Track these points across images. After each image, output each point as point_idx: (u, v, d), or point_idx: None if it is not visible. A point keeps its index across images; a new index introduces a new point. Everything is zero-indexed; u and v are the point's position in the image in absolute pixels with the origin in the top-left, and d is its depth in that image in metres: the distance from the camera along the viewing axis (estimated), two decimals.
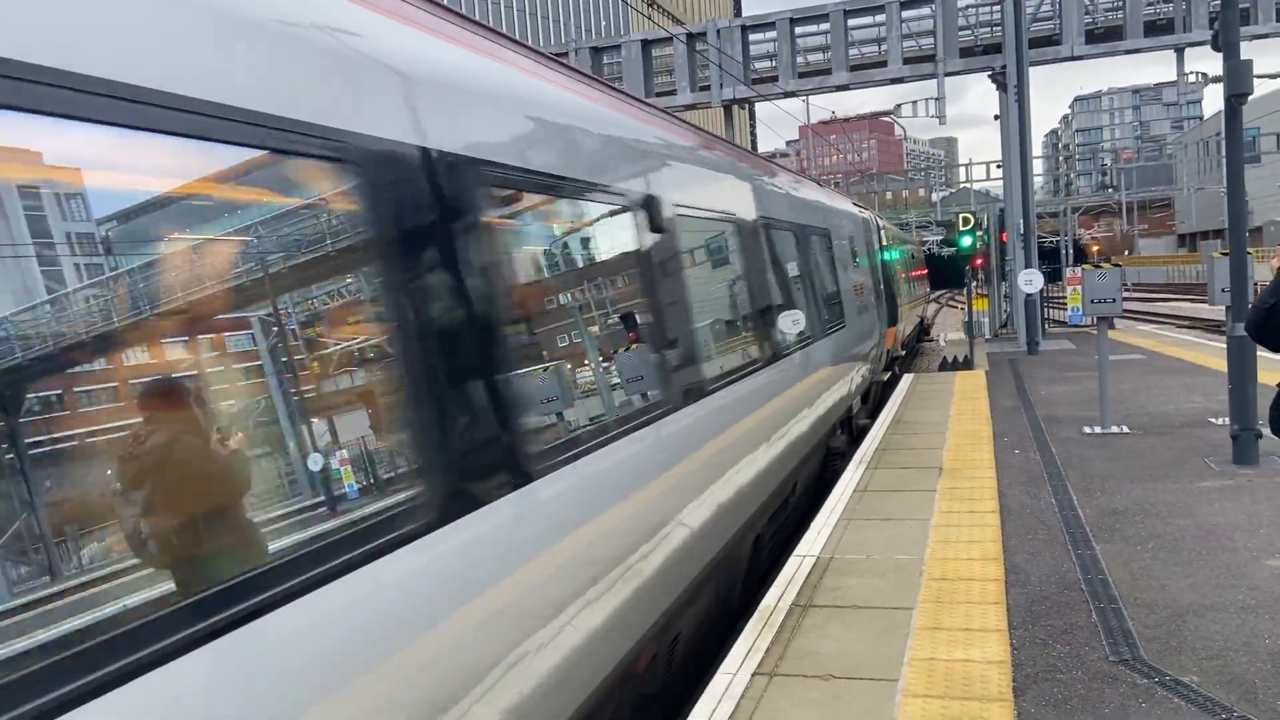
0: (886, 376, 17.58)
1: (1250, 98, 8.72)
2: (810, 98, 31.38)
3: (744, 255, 7.66)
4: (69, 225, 2.29)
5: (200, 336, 2.68)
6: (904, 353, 22.25)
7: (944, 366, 21.54)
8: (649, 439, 4.84)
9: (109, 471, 2.42)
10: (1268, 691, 4.32)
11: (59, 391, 2.31)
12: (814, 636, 5.25)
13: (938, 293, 51.56)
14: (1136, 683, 4.48)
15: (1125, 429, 10.73)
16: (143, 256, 2.52)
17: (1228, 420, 9.03)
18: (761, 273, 8.09)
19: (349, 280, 3.19)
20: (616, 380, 5.30)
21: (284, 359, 2.87)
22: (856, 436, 12.36)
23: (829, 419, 10.50)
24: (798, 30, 26.79)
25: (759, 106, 33.46)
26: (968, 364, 20.12)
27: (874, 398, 15.33)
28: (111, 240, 2.40)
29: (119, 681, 1.91)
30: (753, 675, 4.77)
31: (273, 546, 2.57)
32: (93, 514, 2.37)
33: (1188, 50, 23.57)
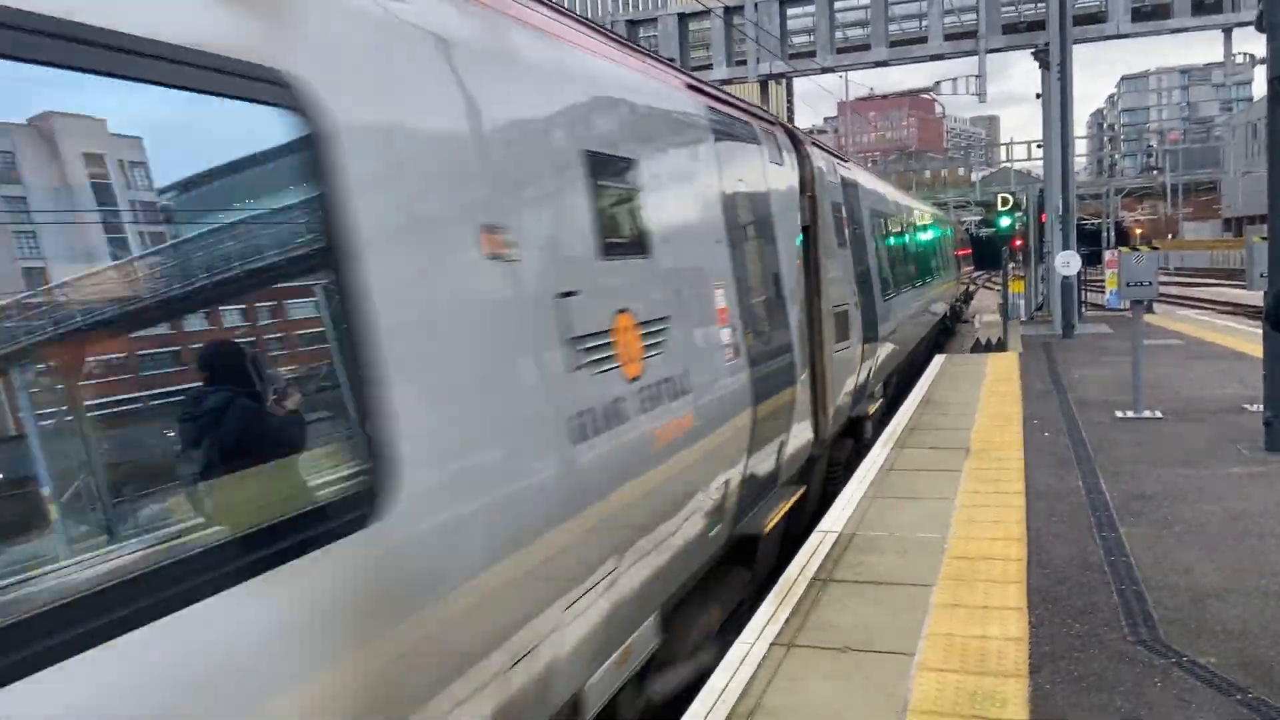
0: (959, 303, 35.15)
1: None
2: (849, 74, 31.04)
3: (942, 246, 24.84)
4: None
5: None
6: (964, 297, 39.99)
7: (977, 348, 21.39)
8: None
9: None
10: None
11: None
12: (833, 610, 5.31)
13: (975, 274, 51.17)
14: (1153, 663, 4.50)
15: (1158, 414, 10.64)
16: None
17: (1262, 407, 8.94)
18: (949, 249, 27.93)
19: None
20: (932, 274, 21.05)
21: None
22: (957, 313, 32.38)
23: (957, 295, 31.95)
24: (837, 5, 26.46)
25: (796, 82, 33.13)
26: (1001, 346, 19.98)
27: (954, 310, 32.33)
28: None
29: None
30: (771, 645, 4.85)
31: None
32: None
33: (1236, 30, 23.04)
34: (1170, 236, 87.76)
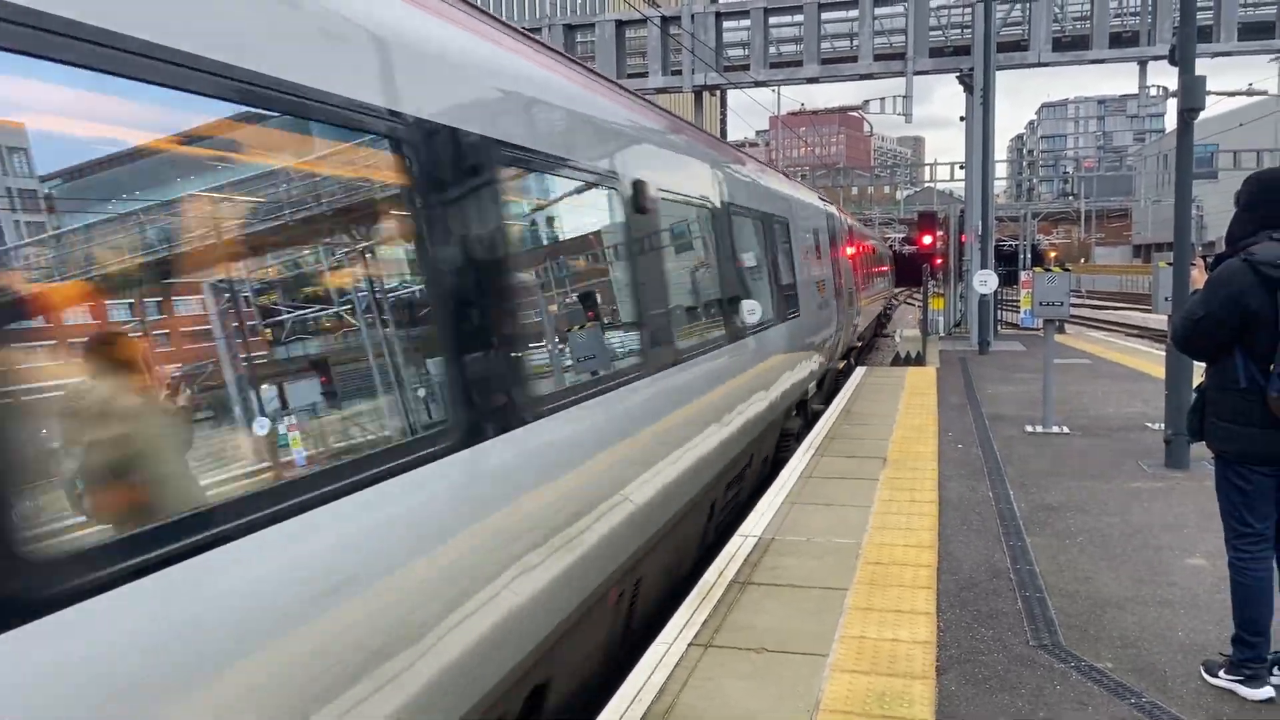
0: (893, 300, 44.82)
1: (1213, 115, 9.01)
2: (781, 88, 31.51)
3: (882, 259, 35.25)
4: None
5: None
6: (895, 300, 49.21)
7: (896, 361, 21.86)
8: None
9: None
10: (1177, 680, 4.53)
11: None
12: (750, 612, 5.39)
13: (897, 290, 52.47)
14: (1053, 666, 4.67)
15: (1066, 429, 11.02)
16: None
17: (1163, 425, 9.33)
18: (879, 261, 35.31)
19: None
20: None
21: None
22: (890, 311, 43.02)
23: (890, 293, 43.83)
24: (772, 20, 26.86)
25: (730, 95, 33.51)
26: (920, 360, 20.45)
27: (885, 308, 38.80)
28: None
29: None
30: (689, 646, 4.90)
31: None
32: None
33: (1151, 63, 24.01)
34: (1083, 260, 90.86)
